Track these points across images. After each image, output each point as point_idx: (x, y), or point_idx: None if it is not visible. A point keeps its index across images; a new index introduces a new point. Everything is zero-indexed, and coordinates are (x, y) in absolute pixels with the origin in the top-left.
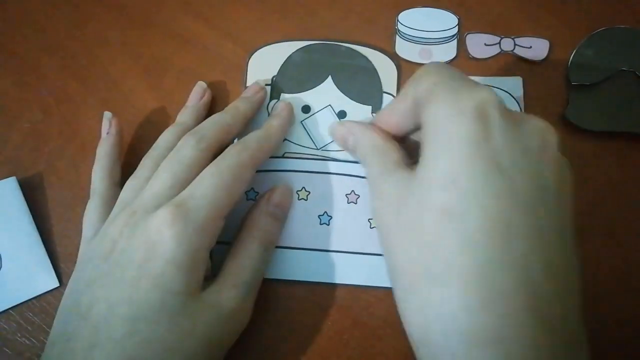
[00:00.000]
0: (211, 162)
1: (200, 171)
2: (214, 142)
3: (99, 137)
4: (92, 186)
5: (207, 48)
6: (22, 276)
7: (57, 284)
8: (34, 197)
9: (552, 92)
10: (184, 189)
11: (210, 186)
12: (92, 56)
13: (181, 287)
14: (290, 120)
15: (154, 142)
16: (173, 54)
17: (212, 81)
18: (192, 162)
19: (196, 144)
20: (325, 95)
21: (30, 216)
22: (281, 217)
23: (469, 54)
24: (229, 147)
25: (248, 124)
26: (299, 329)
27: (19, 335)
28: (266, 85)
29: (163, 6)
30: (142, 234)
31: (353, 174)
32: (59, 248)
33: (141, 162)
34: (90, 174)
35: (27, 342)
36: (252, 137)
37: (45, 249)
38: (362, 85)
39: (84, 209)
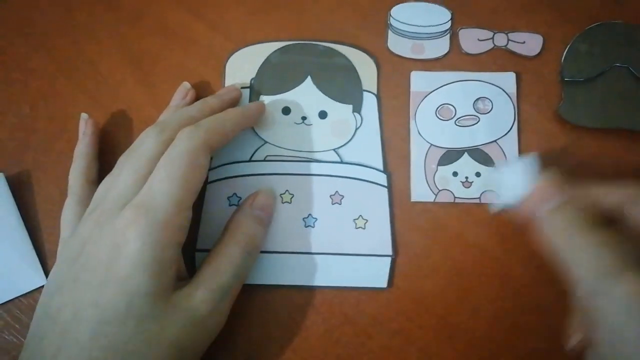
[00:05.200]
0: None
1: None
2: (175, 133)
3: None
4: (68, 185)
5: (196, 42)
6: (10, 274)
7: (45, 282)
8: (21, 193)
9: (546, 88)
10: None
11: (165, 179)
12: (80, 50)
13: (148, 288)
14: (257, 113)
15: None
16: (162, 48)
17: (201, 75)
18: (153, 155)
19: (157, 135)
20: (305, 96)
21: (18, 213)
22: (266, 221)
23: (462, 49)
24: (179, 131)
25: None
26: (289, 327)
27: (7, 333)
28: (245, 88)
29: (152, 1)
30: (107, 236)
31: (336, 174)
32: (46, 245)
33: (118, 161)
34: None
35: (14, 340)
36: (205, 121)
37: (33, 246)
38: (342, 84)
39: None
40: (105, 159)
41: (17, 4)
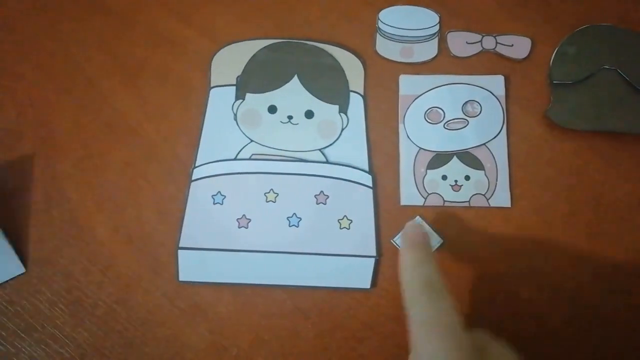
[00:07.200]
0: None
1: None
2: None
3: (75, 139)
4: None
5: (185, 46)
6: None
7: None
8: (8, 199)
9: (534, 91)
10: None
11: None
12: (68, 55)
13: None
14: None
15: (131, 142)
16: (151, 52)
17: (189, 78)
18: None
19: None
20: (292, 95)
21: None
22: None
23: (451, 52)
24: None
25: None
26: (279, 332)
27: None
28: (231, 85)
29: (140, 5)
30: None
31: (321, 174)
32: (33, 253)
33: None
34: (66, 177)
35: None
36: None
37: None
38: (328, 84)
39: (60, 212)
40: (94, 164)
41: (5, 9)
